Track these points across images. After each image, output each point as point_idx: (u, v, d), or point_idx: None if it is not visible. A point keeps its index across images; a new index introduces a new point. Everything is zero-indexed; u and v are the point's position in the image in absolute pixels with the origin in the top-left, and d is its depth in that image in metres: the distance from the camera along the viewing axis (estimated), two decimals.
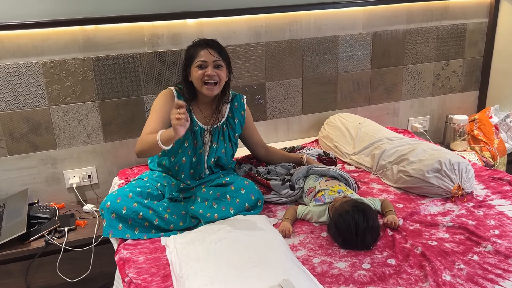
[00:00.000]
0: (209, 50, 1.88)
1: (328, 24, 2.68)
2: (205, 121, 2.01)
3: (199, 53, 1.89)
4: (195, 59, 1.90)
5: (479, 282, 1.47)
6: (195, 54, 1.90)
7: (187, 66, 1.93)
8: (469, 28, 3.02)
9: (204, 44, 1.90)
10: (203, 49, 1.89)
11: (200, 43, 1.92)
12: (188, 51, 1.94)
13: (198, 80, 1.90)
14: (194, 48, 1.92)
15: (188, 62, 1.92)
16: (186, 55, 1.95)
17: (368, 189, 2.18)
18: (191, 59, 1.91)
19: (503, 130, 2.92)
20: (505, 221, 1.83)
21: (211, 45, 1.90)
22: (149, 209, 1.81)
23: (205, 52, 1.88)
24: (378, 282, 1.50)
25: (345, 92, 2.86)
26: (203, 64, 1.88)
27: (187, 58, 1.93)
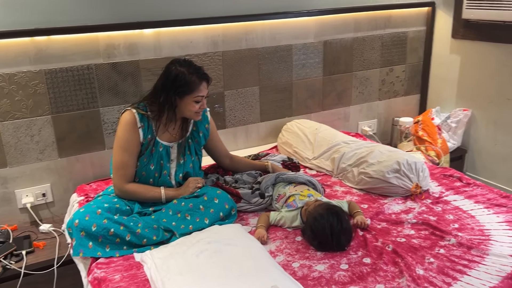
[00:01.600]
0: (204, 85, 1.88)
1: (282, 33, 2.74)
2: (171, 138, 1.98)
3: (199, 88, 1.86)
4: (193, 92, 1.85)
5: (450, 273, 1.58)
6: (195, 87, 1.85)
7: (178, 94, 1.86)
8: (409, 36, 3.23)
9: (202, 77, 1.87)
10: (201, 82, 1.86)
11: (194, 75, 1.85)
12: (181, 78, 1.84)
13: (191, 112, 1.89)
14: (192, 79, 1.84)
15: (181, 90, 1.85)
16: (176, 81, 1.84)
17: (332, 192, 2.25)
18: (187, 91, 1.85)
19: (445, 130, 3.13)
20: (461, 215, 1.97)
21: (205, 79, 1.89)
22: (120, 225, 1.75)
23: (204, 87, 1.88)
24: (358, 281, 1.56)
25: (299, 99, 2.94)
26: (201, 99, 1.88)
27: (181, 86, 1.84)
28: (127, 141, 1.86)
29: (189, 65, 1.88)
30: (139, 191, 1.91)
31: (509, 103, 2.85)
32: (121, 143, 1.87)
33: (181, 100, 1.88)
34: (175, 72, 1.85)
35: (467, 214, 1.97)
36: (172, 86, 1.85)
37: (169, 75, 1.86)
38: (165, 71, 1.89)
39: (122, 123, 1.88)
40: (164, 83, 1.87)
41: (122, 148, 1.86)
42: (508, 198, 2.08)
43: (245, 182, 2.16)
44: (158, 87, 1.89)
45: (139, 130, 1.88)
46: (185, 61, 1.90)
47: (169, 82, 1.85)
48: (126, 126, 1.86)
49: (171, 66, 1.88)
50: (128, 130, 1.86)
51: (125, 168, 1.88)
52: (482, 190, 2.18)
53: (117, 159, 1.88)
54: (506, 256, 1.65)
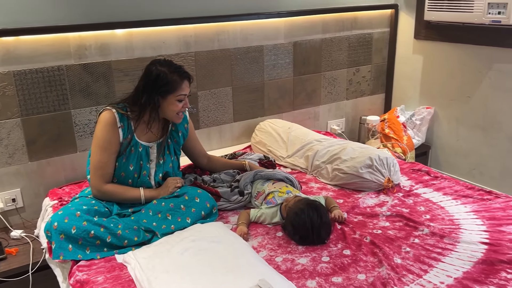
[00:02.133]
0: (186, 83, 1.88)
1: (254, 34, 2.78)
2: (151, 138, 1.97)
3: (181, 86, 1.86)
4: (176, 91, 1.85)
5: (426, 261, 1.65)
6: (176, 86, 1.85)
7: (160, 94, 1.85)
8: (374, 37, 3.34)
9: (184, 76, 1.87)
10: (183, 80, 1.86)
11: (175, 74, 1.85)
12: (163, 78, 1.83)
13: (173, 112, 1.88)
14: (173, 78, 1.84)
15: (163, 90, 1.84)
16: (157, 81, 1.83)
17: (307, 188, 2.30)
18: (169, 90, 1.84)
19: (410, 127, 3.26)
20: (432, 207, 2.06)
21: (187, 77, 1.89)
22: (100, 227, 1.72)
23: (186, 85, 1.88)
24: (340, 272, 1.60)
25: (271, 99, 2.98)
26: (184, 98, 1.88)
27: (163, 85, 1.83)
28: (106, 141, 1.84)
29: (169, 65, 1.88)
30: (117, 191, 1.89)
31: (469, 100, 3.00)
32: (100, 143, 1.84)
33: (164, 100, 1.87)
34: (156, 72, 1.84)
35: (437, 206, 2.07)
36: (154, 86, 1.84)
37: (150, 75, 1.85)
38: (146, 71, 1.88)
39: (101, 122, 1.85)
40: (145, 84, 1.86)
41: (101, 148, 1.84)
42: (473, 190, 2.20)
43: (223, 181, 2.17)
44: (139, 88, 1.88)
45: (119, 130, 1.86)
46: (165, 61, 1.90)
47: (150, 83, 1.85)
48: (106, 126, 1.84)
49: (151, 67, 1.87)
50: (108, 129, 1.84)
51: (103, 168, 1.85)
52: (449, 182, 2.29)
53: (96, 159, 1.85)
54: (476, 243, 1.75)
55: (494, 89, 2.84)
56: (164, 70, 1.84)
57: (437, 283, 1.53)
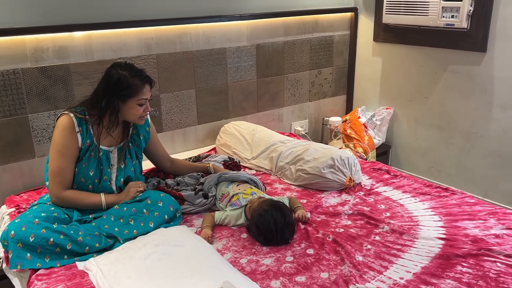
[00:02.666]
0: (148, 88, 1.86)
1: (216, 36, 2.78)
2: (111, 142, 1.94)
3: (142, 90, 1.84)
4: (136, 95, 1.83)
5: (386, 257, 1.70)
6: (138, 90, 1.82)
7: (120, 98, 1.82)
8: (335, 40, 3.40)
9: (145, 80, 1.85)
10: (144, 85, 1.84)
11: (136, 78, 1.82)
12: (123, 82, 1.80)
13: (135, 116, 1.87)
14: (134, 82, 1.81)
15: (123, 94, 1.81)
16: (118, 85, 1.80)
17: (272, 189, 2.32)
18: (130, 94, 1.82)
19: (371, 127, 3.34)
20: (392, 204, 2.12)
21: (148, 81, 1.87)
22: (59, 234, 1.68)
23: (147, 89, 1.86)
24: (304, 271, 1.63)
25: (235, 101, 2.99)
26: (145, 102, 1.86)
27: (124, 89, 1.81)
28: (64, 146, 1.80)
29: (130, 68, 1.85)
30: (77, 197, 1.85)
31: (426, 101, 3.11)
32: (59, 148, 1.80)
33: (124, 104, 1.85)
34: (117, 76, 1.81)
35: (397, 203, 2.13)
36: (114, 90, 1.81)
37: (111, 79, 1.82)
38: (106, 75, 1.85)
39: (59, 127, 1.81)
40: (105, 88, 1.83)
41: (59, 153, 1.80)
42: (431, 187, 2.28)
43: (187, 184, 2.16)
44: (98, 91, 1.85)
45: (78, 135, 1.82)
46: (126, 64, 1.87)
47: (110, 86, 1.82)
48: (64, 131, 1.80)
49: (112, 70, 1.84)
50: (66, 134, 1.80)
51: (62, 174, 1.81)
52: (408, 181, 2.36)
53: (54, 165, 1.81)
54: (433, 238, 1.82)
55: (449, 89, 2.96)
56: (125, 74, 1.82)
57: (397, 278, 1.58)
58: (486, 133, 2.80)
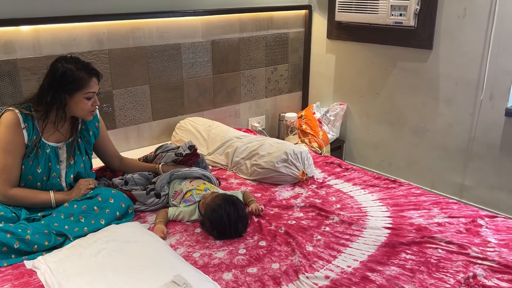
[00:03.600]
0: (95, 81, 1.83)
1: (170, 32, 2.77)
2: (59, 138, 1.91)
3: (89, 84, 1.80)
4: (83, 88, 1.79)
5: (335, 247, 1.76)
6: (84, 83, 1.79)
7: (66, 92, 1.78)
8: (290, 37, 3.46)
9: (91, 73, 1.82)
10: (91, 78, 1.81)
11: (82, 71, 1.79)
12: (69, 75, 1.77)
13: (84, 110, 1.83)
14: (80, 75, 1.78)
15: (70, 88, 1.78)
16: (64, 79, 1.77)
17: (227, 184, 2.35)
18: (76, 88, 1.78)
19: (325, 123, 3.42)
20: (342, 196, 2.19)
21: (95, 74, 1.84)
22: (6, 233, 1.64)
23: (94, 82, 1.83)
24: (256, 262, 1.66)
25: (191, 97, 2.99)
26: (92, 96, 1.82)
27: (70, 82, 1.77)
28: (10, 143, 1.75)
29: (76, 62, 1.82)
30: (25, 195, 1.81)
31: (378, 96, 3.22)
32: (3, 146, 1.75)
33: (71, 98, 1.81)
34: (62, 69, 1.78)
35: (347, 195, 2.20)
36: (60, 84, 1.78)
37: (56, 72, 1.78)
38: (51, 69, 1.81)
39: (3, 124, 1.76)
40: (50, 82, 1.79)
41: (4, 151, 1.75)
42: (379, 179, 2.37)
43: (136, 184, 2.13)
44: (44, 86, 1.81)
45: (23, 131, 1.78)
46: (71, 58, 1.84)
47: (56, 80, 1.78)
48: (9, 127, 1.75)
49: (57, 64, 1.81)
50: (11, 131, 1.75)
51: (8, 172, 1.76)
52: (358, 173, 2.44)
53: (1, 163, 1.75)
54: (380, 228, 1.89)
55: (398, 85, 3.07)
56: (70, 67, 1.79)
57: (345, 267, 1.64)
58: (433, 127, 2.93)
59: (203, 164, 2.36)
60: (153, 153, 2.37)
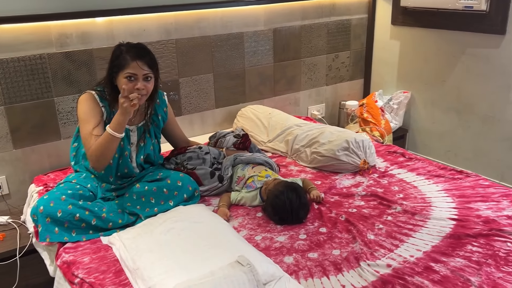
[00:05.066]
0: (138, 63, 1.80)
1: (234, 21, 2.82)
2: (131, 121, 2.02)
3: (129, 65, 1.80)
4: (123, 68, 1.81)
5: (397, 237, 1.75)
6: (124, 63, 1.81)
7: (113, 71, 1.86)
8: (353, 23, 3.40)
9: (135, 56, 1.81)
10: (133, 61, 1.80)
11: (129, 53, 1.83)
12: (116, 56, 1.85)
13: None
14: (123, 56, 1.82)
15: (115, 67, 1.85)
16: (113, 58, 1.87)
17: (287, 171, 2.38)
18: (119, 67, 1.83)
19: (388, 111, 3.35)
20: (405, 186, 2.16)
21: (141, 57, 1.82)
22: (85, 210, 1.78)
23: (134, 65, 1.80)
24: (316, 248, 1.69)
25: (252, 85, 3.04)
26: (132, 77, 1.81)
27: (115, 63, 1.85)
28: (90, 113, 1.86)
29: (130, 45, 1.88)
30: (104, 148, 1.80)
31: (444, 84, 3.10)
32: (84, 116, 1.86)
33: (117, 79, 1.86)
34: (114, 50, 1.89)
35: (410, 185, 2.17)
36: (111, 64, 1.88)
37: (111, 54, 1.90)
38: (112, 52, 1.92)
39: (82, 101, 1.89)
40: (109, 63, 1.90)
41: (86, 120, 1.85)
42: (445, 170, 2.30)
43: (210, 152, 2.19)
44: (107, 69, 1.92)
45: (102, 108, 1.90)
46: (130, 42, 1.91)
47: (110, 61, 1.89)
48: (87, 101, 1.88)
49: (115, 47, 1.91)
50: (89, 104, 1.88)
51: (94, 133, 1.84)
52: (422, 163, 2.39)
53: (84, 131, 1.85)
54: (445, 219, 1.85)
55: (467, 73, 2.94)
56: (122, 48, 1.86)
57: (407, 256, 1.62)
58: (504, 116, 2.79)
59: (256, 149, 2.42)
60: (210, 143, 2.44)
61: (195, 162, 2.16)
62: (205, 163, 2.17)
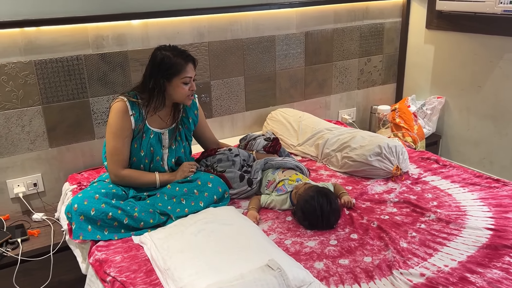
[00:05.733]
0: (191, 66, 1.93)
1: (266, 24, 2.83)
2: (162, 124, 2.04)
3: (185, 69, 1.91)
4: (180, 74, 1.90)
5: (431, 245, 1.70)
6: (181, 68, 1.90)
7: (165, 77, 1.91)
8: (386, 27, 3.36)
9: (187, 59, 1.92)
10: (187, 63, 1.91)
11: (179, 57, 1.90)
12: (167, 61, 1.89)
13: (182, 95, 1.95)
14: (176, 61, 1.89)
15: (168, 73, 1.90)
16: (162, 65, 1.90)
17: (317, 175, 2.36)
18: (174, 73, 1.90)
19: (421, 117, 3.28)
20: (439, 194, 2.10)
21: (191, 60, 1.94)
22: (117, 209, 1.81)
23: (190, 68, 1.92)
24: (347, 254, 1.67)
25: (283, 89, 3.03)
26: (189, 81, 1.93)
27: (168, 68, 1.89)
28: (119, 128, 1.92)
29: (173, 49, 1.94)
30: (134, 176, 1.97)
31: (480, 90, 3.02)
32: (114, 130, 1.92)
33: (170, 84, 1.93)
34: (161, 57, 1.91)
35: (445, 193, 2.11)
36: (160, 70, 1.91)
37: (155, 60, 1.92)
38: (152, 57, 1.95)
39: (114, 111, 1.93)
40: (151, 69, 1.93)
41: (115, 135, 1.91)
42: (481, 178, 2.23)
43: (240, 154, 2.19)
44: (146, 74, 1.95)
45: (131, 118, 1.94)
46: (169, 46, 1.97)
47: (156, 67, 1.91)
48: (118, 113, 1.92)
49: (156, 52, 1.94)
50: (120, 117, 1.92)
51: (119, 154, 1.93)
52: (457, 171, 2.32)
53: (111, 145, 1.93)
54: (481, 228, 1.79)
55: (505, 78, 2.85)
56: (168, 54, 1.91)
57: (441, 266, 1.58)
58: None
59: (285, 153, 2.41)
60: (240, 145, 2.44)
61: (224, 165, 2.16)
62: (235, 165, 2.17)
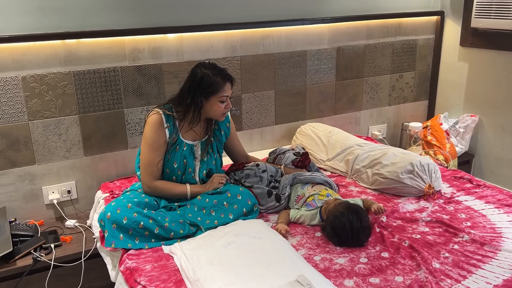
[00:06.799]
0: (229, 85, 1.98)
1: (298, 39, 2.85)
2: (195, 137, 2.08)
3: (223, 88, 1.96)
4: (218, 92, 1.95)
5: (465, 267, 1.66)
6: (219, 87, 1.95)
7: (203, 95, 1.95)
8: (419, 43, 3.33)
9: (225, 79, 1.97)
10: (225, 82, 1.96)
11: (219, 76, 1.95)
12: (206, 80, 1.94)
13: (218, 113, 1.99)
14: (215, 81, 1.94)
15: (206, 92, 1.95)
16: (202, 83, 1.94)
17: (347, 191, 2.34)
18: (212, 92, 1.95)
19: (453, 135, 3.22)
20: (473, 214, 2.05)
21: (229, 79, 1.99)
22: (149, 219, 1.84)
23: (228, 87, 1.98)
24: (378, 273, 1.64)
25: (313, 103, 3.03)
26: (226, 99, 1.98)
27: (206, 87, 1.94)
28: (154, 140, 1.96)
29: (213, 67, 1.98)
30: (166, 187, 2.00)
31: None
32: (149, 142, 1.96)
33: (207, 101, 1.97)
34: (201, 75, 1.95)
35: (479, 213, 2.06)
36: (198, 88, 1.95)
37: (195, 77, 1.96)
38: (191, 74, 1.99)
39: (149, 123, 1.97)
40: (190, 86, 1.97)
41: (150, 147, 1.96)
42: None
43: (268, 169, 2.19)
44: (184, 89, 1.99)
45: (166, 130, 1.97)
46: (209, 63, 2.00)
47: (195, 84, 1.95)
48: (153, 126, 1.96)
49: (196, 69, 1.98)
50: (155, 130, 1.96)
51: (152, 165, 1.97)
52: (492, 191, 2.26)
53: (145, 157, 1.97)
54: None
55: None
56: (208, 72, 1.95)
57: None
58: None
59: (314, 168, 2.40)
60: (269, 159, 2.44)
61: (252, 180, 2.17)
62: (262, 181, 2.17)
